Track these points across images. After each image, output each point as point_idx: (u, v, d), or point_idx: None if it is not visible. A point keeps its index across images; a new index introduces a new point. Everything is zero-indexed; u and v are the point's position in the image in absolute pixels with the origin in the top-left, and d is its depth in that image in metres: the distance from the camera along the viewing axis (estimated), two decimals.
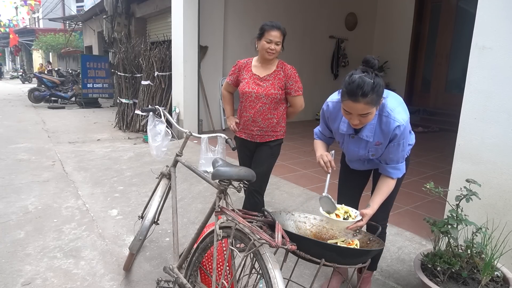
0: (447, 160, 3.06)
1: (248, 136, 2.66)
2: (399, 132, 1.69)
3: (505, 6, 2.10)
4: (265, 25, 2.48)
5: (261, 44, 2.48)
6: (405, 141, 1.74)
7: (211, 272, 1.90)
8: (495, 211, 2.20)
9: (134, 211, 3.36)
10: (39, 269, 2.45)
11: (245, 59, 2.68)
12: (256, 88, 2.54)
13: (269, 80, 2.54)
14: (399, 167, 1.81)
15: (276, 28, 2.44)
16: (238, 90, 2.69)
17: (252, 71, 2.59)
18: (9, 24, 32.15)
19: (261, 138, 2.63)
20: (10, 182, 4.09)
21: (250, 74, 2.58)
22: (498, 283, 1.89)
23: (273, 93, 2.52)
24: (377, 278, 2.38)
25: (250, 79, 2.57)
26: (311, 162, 4.72)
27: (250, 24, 7.03)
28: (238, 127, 2.72)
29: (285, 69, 2.56)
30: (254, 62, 2.63)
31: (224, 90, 2.84)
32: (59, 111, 10.21)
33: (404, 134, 1.71)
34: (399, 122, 1.67)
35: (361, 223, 1.67)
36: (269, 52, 2.47)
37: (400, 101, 1.77)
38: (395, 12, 8.50)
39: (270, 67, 2.57)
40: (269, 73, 2.56)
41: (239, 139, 2.74)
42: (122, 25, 10.12)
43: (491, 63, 2.18)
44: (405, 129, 1.70)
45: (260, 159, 2.65)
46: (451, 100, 7.35)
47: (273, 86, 2.53)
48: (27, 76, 22.05)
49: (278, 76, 2.55)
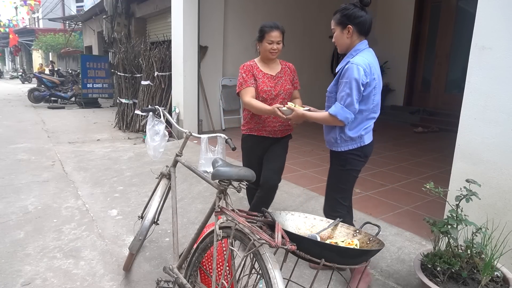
0: (447, 160, 3.05)
1: (269, 133, 2.65)
2: (346, 69, 1.99)
3: (505, 6, 2.10)
4: (264, 27, 2.52)
5: (263, 46, 2.54)
6: (347, 83, 1.97)
7: (211, 272, 1.90)
8: (495, 211, 2.20)
9: (134, 211, 3.36)
10: (38, 269, 2.45)
11: (247, 62, 2.66)
12: (274, 85, 2.60)
13: (282, 76, 2.65)
14: (336, 105, 2.05)
15: (275, 28, 2.50)
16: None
17: (262, 71, 2.62)
18: (9, 24, 32.13)
19: (282, 133, 2.69)
20: (9, 182, 4.09)
21: (262, 74, 2.61)
22: (498, 283, 1.89)
23: (289, 88, 2.64)
24: (377, 278, 2.38)
25: (264, 78, 2.60)
26: (311, 162, 4.72)
27: (250, 24, 7.03)
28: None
29: (289, 66, 2.71)
30: (259, 62, 2.65)
31: (248, 98, 2.52)
32: (59, 111, 10.21)
33: (348, 74, 1.97)
34: (352, 61, 1.98)
35: (305, 112, 2.17)
36: (272, 52, 2.54)
37: (368, 56, 2.03)
38: (395, 12, 8.49)
39: (275, 66, 2.67)
40: (279, 70, 2.66)
41: (255, 138, 2.66)
42: (122, 25, 10.12)
43: (491, 63, 2.18)
44: (352, 69, 1.96)
45: (275, 155, 2.69)
46: (451, 100, 7.34)
47: (287, 81, 2.66)
48: (27, 76, 22.06)
49: (287, 72, 2.68)
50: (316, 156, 5.01)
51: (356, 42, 2.07)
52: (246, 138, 2.73)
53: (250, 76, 2.57)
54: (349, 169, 2.17)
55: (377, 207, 3.34)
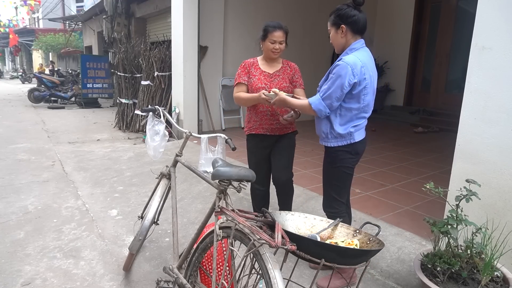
0: (447, 160, 3.06)
1: (267, 130, 2.68)
2: (336, 66, 2.03)
3: (505, 6, 2.10)
4: (267, 26, 2.56)
5: (265, 45, 2.59)
6: (332, 78, 2.02)
7: (211, 272, 1.90)
8: (495, 211, 2.20)
9: (134, 211, 3.36)
10: (38, 269, 2.45)
11: (250, 58, 2.75)
12: (269, 84, 2.62)
13: (279, 75, 2.67)
14: (317, 96, 2.12)
15: (279, 28, 2.54)
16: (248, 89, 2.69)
17: (261, 68, 2.68)
18: (9, 24, 32.14)
19: (281, 131, 2.70)
20: (10, 182, 4.09)
21: (259, 71, 2.66)
22: (498, 283, 1.89)
23: (285, 86, 2.63)
24: (377, 278, 2.38)
25: (260, 75, 2.65)
26: (311, 162, 4.72)
27: (250, 24, 7.03)
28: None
29: (290, 65, 2.73)
30: (260, 61, 2.72)
31: (237, 93, 2.66)
32: (59, 111, 10.21)
33: (336, 70, 2.01)
34: (343, 59, 2.02)
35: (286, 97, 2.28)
36: (274, 52, 2.59)
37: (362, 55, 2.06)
38: (395, 12, 8.49)
39: (276, 64, 2.70)
40: (278, 69, 2.69)
41: (256, 137, 2.72)
42: (122, 25, 10.12)
43: (491, 63, 2.18)
44: (340, 66, 1.99)
45: (282, 151, 2.74)
46: (451, 100, 7.34)
47: (284, 80, 2.67)
48: (27, 76, 22.05)
49: (286, 71, 2.69)
50: (316, 156, 5.01)
51: (351, 41, 2.10)
52: (248, 137, 2.80)
53: (244, 73, 2.67)
54: (339, 166, 2.19)
55: (377, 207, 3.34)
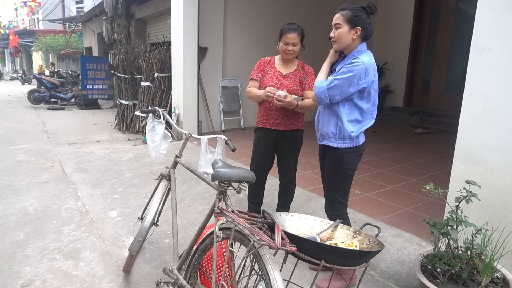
0: (446, 161, 3.06)
1: (272, 124, 2.77)
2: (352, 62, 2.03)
3: (504, 7, 2.10)
4: (283, 28, 2.67)
5: (280, 46, 2.68)
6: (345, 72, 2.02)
7: (210, 273, 1.90)
8: (495, 212, 2.20)
9: (133, 213, 3.36)
10: (38, 270, 2.45)
11: (268, 57, 2.85)
12: (279, 84, 2.70)
13: (291, 77, 2.74)
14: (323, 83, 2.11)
15: (293, 30, 2.62)
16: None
17: (275, 67, 2.77)
18: (9, 26, 32.16)
19: (285, 126, 2.77)
20: (9, 183, 4.09)
21: (273, 70, 2.76)
22: (498, 284, 1.89)
23: (294, 89, 2.71)
24: (377, 279, 2.38)
25: (273, 74, 2.74)
26: (310, 163, 4.72)
27: (249, 25, 7.04)
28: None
29: (304, 68, 2.80)
30: (277, 60, 2.81)
31: (249, 88, 2.82)
32: (59, 112, 10.20)
33: (351, 66, 2.02)
34: (360, 58, 2.04)
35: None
36: (287, 53, 2.67)
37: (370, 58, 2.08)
38: (394, 13, 8.50)
39: (291, 66, 2.78)
40: (291, 71, 2.76)
41: (262, 130, 2.83)
42: (122, 26, 10.13)
43: (490, 64, 2.18)
44: (357, 64, 2.01)
45: (287, 151, 2.86)
46: (450, 101, 7.35)
47: (295, 82, 2.74)
48: (26, 77, 22.05)
49: (299, 74, 2.77)
50: (316, 157, 4.96)
51: (358, 43, 2.12)
52: (256, 130, 2.91)
53: (258, 71, 2.79)
54: (345, 168, 2.21)
55: (377, 208, 3.34)
